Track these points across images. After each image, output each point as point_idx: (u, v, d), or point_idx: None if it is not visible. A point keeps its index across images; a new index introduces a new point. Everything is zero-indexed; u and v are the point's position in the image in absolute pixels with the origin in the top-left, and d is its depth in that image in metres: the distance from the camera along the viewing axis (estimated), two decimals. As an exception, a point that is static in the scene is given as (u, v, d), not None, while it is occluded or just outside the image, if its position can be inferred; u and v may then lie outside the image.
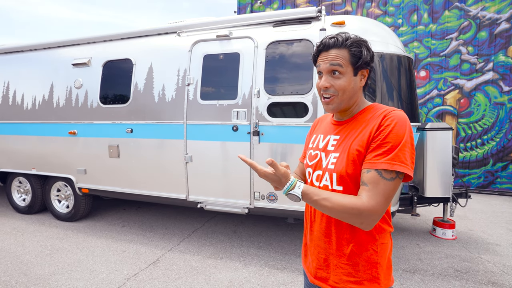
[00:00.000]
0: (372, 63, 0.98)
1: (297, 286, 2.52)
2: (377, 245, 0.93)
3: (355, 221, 0.85)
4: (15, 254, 3.09)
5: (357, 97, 0.99)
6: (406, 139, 0.85)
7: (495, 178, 5.70)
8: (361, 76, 0.97)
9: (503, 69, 5.50)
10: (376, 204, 0.83)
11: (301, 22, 2.90)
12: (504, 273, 2.73)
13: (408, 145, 0.85)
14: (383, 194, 0.83)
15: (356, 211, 0.83)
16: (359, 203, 0.84)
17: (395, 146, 0.84)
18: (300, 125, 2.75)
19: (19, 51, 4.18)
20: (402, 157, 0.84)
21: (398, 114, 0.89)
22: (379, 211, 0.83)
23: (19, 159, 4.10)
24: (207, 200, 3.16)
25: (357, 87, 0.97)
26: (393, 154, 0.84)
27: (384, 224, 0.95)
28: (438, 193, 3.33)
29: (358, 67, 0.95)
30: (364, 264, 0.93)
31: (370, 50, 0.96)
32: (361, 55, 0.94)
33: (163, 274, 2.70)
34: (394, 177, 0.84)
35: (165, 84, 3.24)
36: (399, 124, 0.86)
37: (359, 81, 0.97)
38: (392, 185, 0.84)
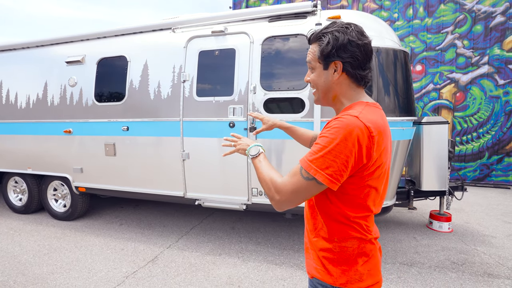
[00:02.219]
0: (344, 53, 0.87)
1: (296, 280, 2.54)
2: (335, 246, 0.92)
3: (268, 193, 0.90)
4: (13, 254, 3.07)
5: (335, 92, 0.93)
6: (336, 146, 0.79)
7: (491, 171, 5.76)
8: (333, 68, 0.90)
9: (498, 63, 5.53)
10: (283, 190, 0.85)
11: (296, 17, 2.88)
12: (500, 265, 2.77)
13: (336, 153, 0.79)
14: (292, 186, 0.84)
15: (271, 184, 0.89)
16: (275, 177, 0.89)
17: (322, 149, 0.81)
18: (297, 121, 2.74)
19: (12, 49, 4.12)
20: (323, 162, 0.80)
21: (344, 120, 0.81)
22: (282, 198, 0.86)
23: (15, 159, 4.06)
24: (205, 197, 3.16)
25: (330, 81, 0.91)
26: (316, 156, 0.81)
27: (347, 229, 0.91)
28: (435, 187, 3.36)
29: (325, 60, 0.89)
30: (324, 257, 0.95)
31: (339, 39, 0.86)
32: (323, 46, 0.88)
33: (162, 272, 2.70)
34: (310, 178, 0.82)
35: (160, 81, 3.21)
36: (338, 129, 0.80)
37: (332, 74, 0.90)
38: (305, 184, 0.83)
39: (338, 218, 0.90)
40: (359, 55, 0.87)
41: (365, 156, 0.81)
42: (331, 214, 0.91)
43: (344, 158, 0.79)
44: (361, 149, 0.80)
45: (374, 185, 0.88)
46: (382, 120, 0.87)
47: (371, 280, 0.92)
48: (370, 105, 0.90)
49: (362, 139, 0.79)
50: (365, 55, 0.88)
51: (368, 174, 0.85)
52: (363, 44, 0.87)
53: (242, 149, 1.13)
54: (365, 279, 0.91)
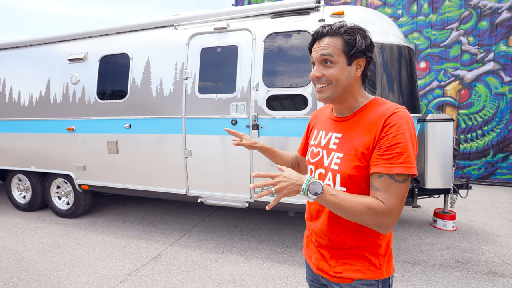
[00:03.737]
0: (369, 52, 0.93)
1: (298, 279, 2.53)
2: (381, 239, 0.95)
3: (371, 222, 0.84)
4: (17, 251, 3.09)
5: (352, 88, 0.94)
6: (412, 139, 0.85)
7: (496, 169, 5.70)
8: (356, 65, 0.93)
9: (504, 59, 5.45)
10: (393, 206, 0.83)
11: (299, 13, 2.85)
12: (505, 263, 2.74)
13: (414, 144, 0.86)
14: (397, 196, 0.83)
15: (372, 213, 0.82)
16: (374, 204, 0.83)
17: (405, 149, 0.83)
18: (300, 118, 2.72)
19: (14, 47, 4.13)
20: (412, 158, 0.84)
21: (401, 114, 0.87)
22: (395, 213, 0.83)
23: (18, 157, 4.08)
24: (207, 194, 3.15)
25: (352, 77, 0.93)
26: (404, 157, 0.83)
27: None
28: (439, 185, 3.32)
29: (351, 55, 0.90)
30: (370, 254, 0.94)
31: (367, 39, 0.92)
32: (355, 43, 0.90)
33: (164, 269, 2.70)
34: (406, 178, 0.84)
35: (162, 78, 3.20)
36: (404, 125, 0.85)
37: (354, 71, 0.93)
38: (404, 186, 0.84)
39: None
40: (372, 56, 0.95)
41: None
42: None
43: (416, 144, 0.88)
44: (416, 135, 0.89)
45: None
46: None
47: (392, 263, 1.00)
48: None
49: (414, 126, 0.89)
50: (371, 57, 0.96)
51: None
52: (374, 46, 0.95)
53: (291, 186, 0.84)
54: (392, 260, 0.99)
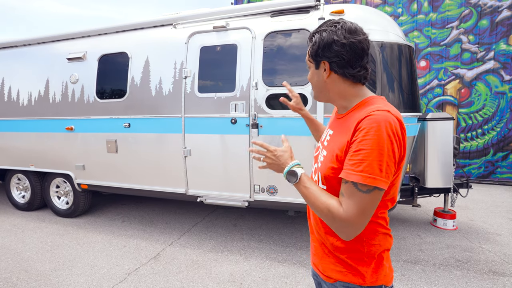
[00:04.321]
0: (328, 52, 0.86)
1: (298, 278, 2.52)
2: (364, 246, 0.89)
3: (332, 225, 0.83)
4: (16, 251, 3.08)
5: (328, 90, 0.92)
6: (379, 147, 0.75)
7: (496, 168, 5.69)
8: (322, 68, 0.90)
9: (504, 58, 5.43)
10: (351, 215, 0.77)
11: (299, 12, 2.84)
12: (505, 262, 2.73)
13: (384, 153, 0.76)
14: (358, 206, 0.77)
15: (330, 216, 0.80)
16: (335, 208, 0.80)
17: (366, 157, 0.76)
18: (300, 117, 2.70)
19: (13, 46, 4.11)
20: (373, 168, 0.75)
21: (378, 117, 0.78)
22: (355, 223, 0.78)
23: (17, 156, 4.07)
24: (206, 194, 3.15)
25: (321, 80, 0.92)
26: (364, 166, 0.76)
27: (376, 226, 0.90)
28: (439, 184, 3.31)
29: (314, 59, 0.91)
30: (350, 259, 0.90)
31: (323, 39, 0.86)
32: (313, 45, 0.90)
33: (164, 269, 2.69)
34: (371, 189, 0.76)
35: (162, 77, 3.19)
36: (372, 131, 0.76)
37: (322, 73, 0.91)
38: (367, 197, 0.77)
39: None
40: (345, 54, 0.85)
41: (403, 148, 0.82)
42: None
43: (392, 155, 0.77)
44: (400, 142, 0.79)
45: (400, 177, 0.88)
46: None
47: (391, 273, 0.94)
48: (384, 98, 0.90)
49: (400, 131, 0.79)
50: (353, 53, 0.85)
51: (400, 167, 0.84)
52: (349, 43, 0.84)
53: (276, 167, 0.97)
54: (388, 273, 0.92)
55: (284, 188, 2.81)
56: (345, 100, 0.92)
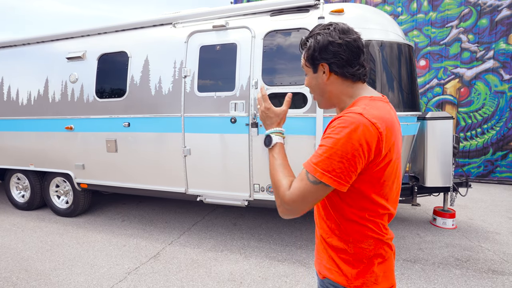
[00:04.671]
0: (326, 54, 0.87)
1: (298, 277, 2.53)
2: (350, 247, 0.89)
3: (276, 200, 0.87)
4: (16, 250, 3.08)
5: (329, 92, 0.92)
6: (340, 148, 0.76)
7: (495, 167, 5.70)
8: (321, 71, 0.90)
9: (504, 57, 5.44)
10: (292, 197, 0.81)
11: (299, 11, 2.83)
12: (504, 261, 2.74)
13: (342, 155, 0.76)
14: (301, 192, 0.80)
15: (277, 192, 0.86)
16: (283, 187, 0.84)
17: (327, 150, 0.78)
18: (299, 116, 2.71)
19: (12, 45, 4.11)
20: (329, 164, 0.77)
21: (348, 118, 0.79)
22: (292, 205, 0.82)
23: (17, 156, 4.07)
24: (206, 193, 3.15)
25: (322, 83, 0.91)
26: (320, 159, 0.79)
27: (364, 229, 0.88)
28: (439, 183, 3.32)
29: (312, 63, 0.91)
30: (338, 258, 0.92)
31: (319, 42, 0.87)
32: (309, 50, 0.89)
33: (164, 268, 2.70)
34: (317, 182, 0.79)
35: (161, 76, 3.19)
36: (342, 128, 0.78)
37: (321, 76, 0.91)
38: (313, 188, 0.79)
39: (353, 217, 0.87)
40: (343, 54, 0.86)
41: (374, 153, 0.79)
42: (345, 214, 0.88)
43: (351, 158, 0.76)
44: (369, 147, 0.77)
45: (387, 181, 0.85)
46: (389, 114, 0.84)
47: (386, 283, 0.89)
48: (375, 99, 0.87)
49: (369, 136, 0.77)
50: (350, 52, 0.86)
51: (379, 170, 0.82)
52: (344, 42, 0.85)
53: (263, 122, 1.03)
54: (380, 282, 0.88)
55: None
56: (342, 101, 0.92)
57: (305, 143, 2.68)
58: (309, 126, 2.65)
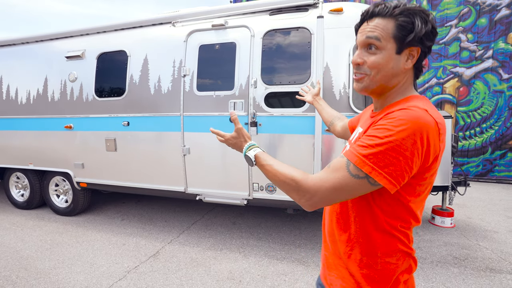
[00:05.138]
0: (429, 41, 0.76)
1: (297, 275, 2.54)
2: (378, 262, 0.78)
3: (294, 194, 0.76)
4: (15, 249, 3.09)
5: (397, 81, 0.79)
6: (402, 141, 0.66)
7: (494, 166, 5.72)
8: (408, 55, 0.77)
9: (503, 57, 5.45)
10: (319, 187, 0.71)
11: (298, 10, 2.84)
12: (502, 260, 2.75)
13: (401, 149, 0.66)
14: (334, 183, 0.70)
15: (294, 185, 0.75)
16: (299, 177, 0.75)
17: (382, 143, 0.67)
18: (299, 115, 2.71)
19: (11, 44, 4.10)
20: (382, 159, 0.67)
21: (413, 112, 0.68)
22: (319, 196, 0.72)
23: (16, 155, 4.07)
24: (205, 192, 3.15)
25: (399, 68, 0.77)
26: (373, 151, 0.67)
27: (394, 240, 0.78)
28: (437, 182, 3.33)
29: (404, 42, 0.75)
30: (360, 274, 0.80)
31: (428, 24, 0.74)
32: (411, 28, 0.73)
33: (163, 266, 2.71)
34: (361, 176, 0.68)
35: (160, 75, 3.19)
36: (405, 121, 0.67)
37: (404, 62, 0.77)
38: (351, 182, 0.69)
39: (384, 227, 0.76)
40: (430, 46, 0.77)
41: (432, 156, 0.70)
42: (376, 222, 0.77)
43: (409, 157, 0.66)
44: (429, 148, 0.68)
45: (428, 188, 0.77)
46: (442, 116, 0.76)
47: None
48: (426, 99, 0.78)
49: (432, 136, 0.68)
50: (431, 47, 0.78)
51: (428, 177, 0.74)
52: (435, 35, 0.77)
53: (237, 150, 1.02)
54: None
55: (282, 186, 2.82)
56: (393, 97, 0.81)
57: (304, 142, 2.68)
58: (308, 125, 2.66)
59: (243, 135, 0.98)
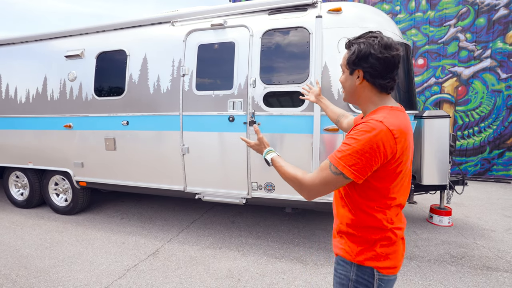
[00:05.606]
0: (364, 63, 0.97)
1: (295, 274, 2.56)
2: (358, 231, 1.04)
3: (297, 189, 1.05)
4: (15, 247, 3.10)
5: (358, 95, 1.05)
6: (362, 146, 0.90)
7: (492, 165, 5.74)
8: (356, 75, 1.02)
9: (501, 56, 5.47)
10: (312, 183, 1.00)
11: (297, 10, 2.85)
12: (499, 258, 2.77)
13: (362, 154, 0.90)
14: (321, 179, 0.98)
15: (297, 182, 1.04)
16: (300, 175, 1.04)
17: (349, 148, 0.92)
18: (297, 115, 2.73)
19: (10, 43, 4.10)
20: (349, 160, 0.92)
21: (370, 124, 0.92)
22: (313, 190, 1.00)
23: (15, 154, 4.07)
24: (204, 191, 3.17)
25: (353, 85, 1.04)
26: (344, 154, 0.93)
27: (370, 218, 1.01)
28: (435, 181, 3.35)
29: (350, 66, 1.02)
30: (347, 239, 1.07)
31: (361, 51, 0.97)
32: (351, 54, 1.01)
33: (162, 265, 2.72)
34: (338, 173, 0.94)
35: (160, 75, 3.19)
36: (364, 132, 0.92)
37: (356, 80, 1.02)
38: (333, 178, 0.96)
39: (363, 208, 1.01)
40: (378, 67, 0.97)
41: (390, 154, 0.92)
42: (357, 204, 1.02)
43: (368, 157, 0.91)
44: (385, 150, 0.91)
45: (398, 178, 0.98)
46: (405, 122, 0.97)
47: (387, 263, 1.02)
48: (394, 109, 0.99)
49: (386, 140, 0.91)
50: (385, 67, 0.97)
51: (392, 169, 0.95)
52: (383, 57, 0.95)
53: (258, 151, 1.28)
54: (381, 260, 1.01)
55: (281, 185, 2.84)
56: (367, 106, 1.05)
57: (303, 141, 2.70)
58: (307, 125, 2.67)
59: (263, 142, 1.25)
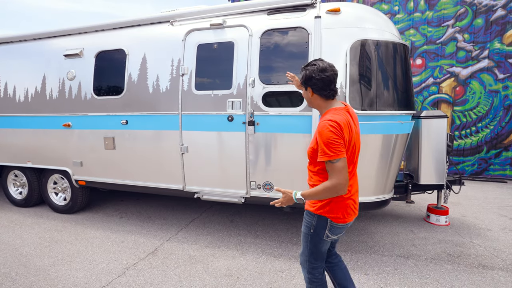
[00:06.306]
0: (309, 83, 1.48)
1: (294, 272, 2.58)
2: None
3: (335, 193, 1.40)
4: (14, 246, 3.10)
5: (313, 103, 1.56)
6: (325, 141, 1.36)
7: (489, 165, 5.79)
8: (308, 90, 1.52)
9: (499, 57, 5.51)
10: (338, 177, 1.37)
11: (296, 10, 2.86)
12: (495, 257, 2.81)
13: (329, 141, 1.35)
14: (338, 172, 1.37)
15: (328, 189, 1.39)
16: (327, 184, 1.39)
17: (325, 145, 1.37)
18: (296, 114, 2.74)
19: (9, 42, 4.10)
20: (329, 151, 1.36)
21: (326, 123, 1.38)
22: (341, 181, 1.37)
23: (14, 152, 4.07)
24: (203, 190, 3.18)
25: (308, 97, 1.55)
26: (328, 150, 1.36)
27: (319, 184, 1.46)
28: (433, 181, 3.38)
29: (303, 85, 1.55)
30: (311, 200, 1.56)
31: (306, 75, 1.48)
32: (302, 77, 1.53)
33: (161, 263, 2.74)
34: (337, 160, 1.36)
35: (159, 74, 3.20)
36: (321, 131, 1.39)
37: (308, 93, 1.53)
38: (340, 164, 1.36)
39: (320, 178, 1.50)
40: (319, 84, 1.46)
41: (346, 136, 1.40)
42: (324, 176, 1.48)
43: (337, 140, 1.37)
44: (342, 133, 1.38)
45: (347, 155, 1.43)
46: (345, 117, 1.43)
47: (334, 213, 1.50)
48: (338, 109, 1.47)
49: (339, 129, 1.38)
50: (323, 84, 1.45)
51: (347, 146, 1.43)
52: (320, 78, 1.44)
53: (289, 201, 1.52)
54: (332, 212, 1.50)
55: (280, 185, 2.85)
56: (320, 109, 1.55)
57: (301, 141, 2.71)
58: (305, 125, 2.69)
59: (287, 192, 1.51)
